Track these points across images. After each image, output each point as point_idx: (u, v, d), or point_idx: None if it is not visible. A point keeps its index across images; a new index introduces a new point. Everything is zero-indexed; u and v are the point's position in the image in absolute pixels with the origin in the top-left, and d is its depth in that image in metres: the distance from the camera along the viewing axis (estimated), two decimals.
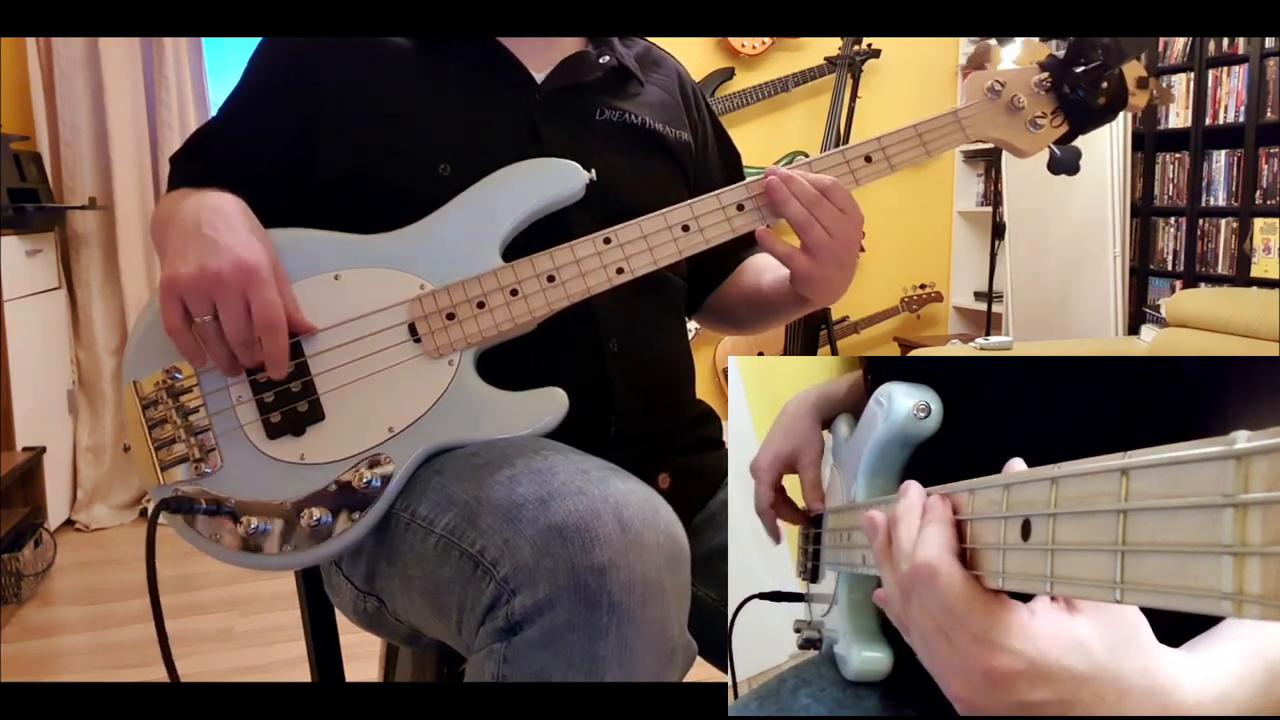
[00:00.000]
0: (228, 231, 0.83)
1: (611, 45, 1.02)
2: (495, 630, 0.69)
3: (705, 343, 3.75)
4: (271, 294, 0.81)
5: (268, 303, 0.80)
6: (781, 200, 0.88)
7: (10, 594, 2.42)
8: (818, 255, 0.89)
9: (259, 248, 0.83)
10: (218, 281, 0.79)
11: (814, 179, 0.88)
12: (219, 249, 0.81)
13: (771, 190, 0.88)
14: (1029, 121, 0.95)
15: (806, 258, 0.90)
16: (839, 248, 0.89)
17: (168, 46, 3.09)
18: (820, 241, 0.88)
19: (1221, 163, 3.35)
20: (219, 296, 0.80)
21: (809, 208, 0.88)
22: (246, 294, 0.80)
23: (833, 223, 0.88)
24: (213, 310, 0.80)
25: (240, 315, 0.80)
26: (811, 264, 0.90)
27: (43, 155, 3.02)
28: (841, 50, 3.64)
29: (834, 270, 0.91)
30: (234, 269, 0.80)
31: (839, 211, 0.88)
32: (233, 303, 0.80)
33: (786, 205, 0.88)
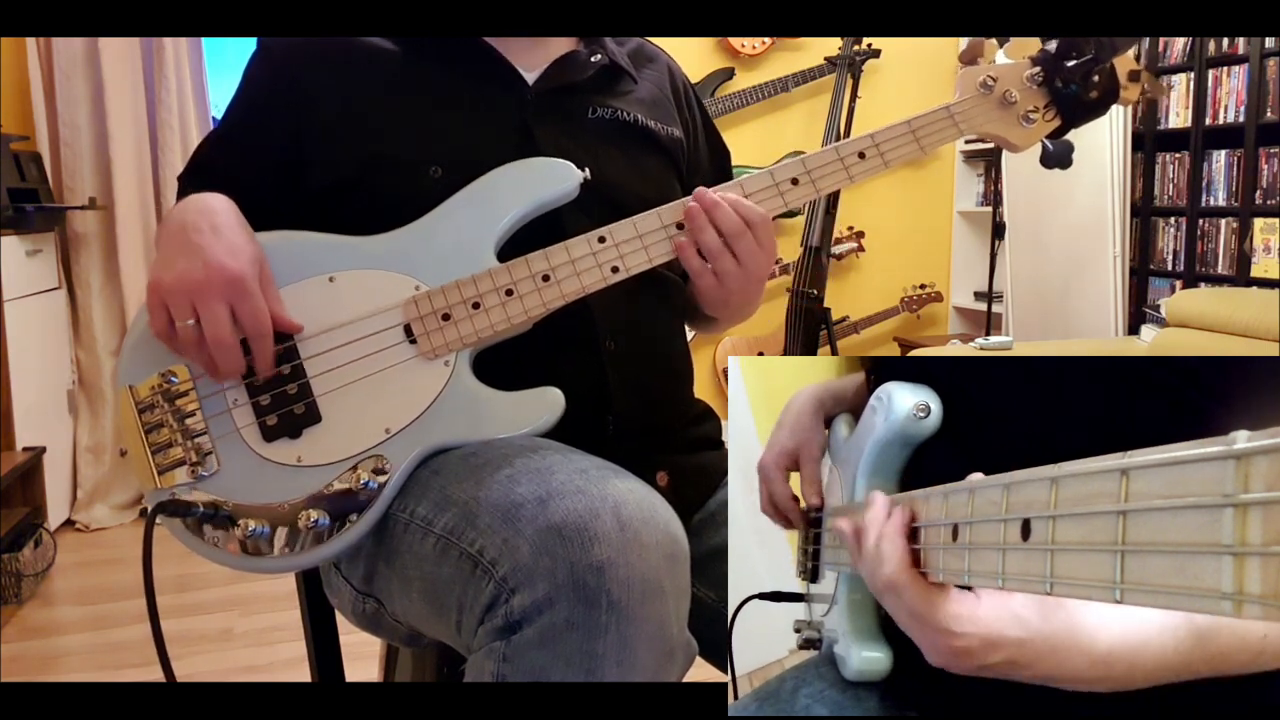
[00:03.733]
0: (212, 235, 0.83)
1: (603, 43, 1.02)
2: (494, 629, 0.69)
3: (705, 343, 3.75)
4: (255, 299, 0.82)
5: (252, 309, 0.82)
6: (699, 227, 0.88)
7: (10, 594, 2.42)
8: (724, 281, 0.90)
9: (244, 251, 0.83)
10: (197, 288, 0.81)
11: (745, 211, 0.88)
12: (202, 255, 0.82)
13: (690, 215, 0.88)
14: (1021, 116, 0.95)
15: (713, 280, 0.90)
16: (746, 278, 0.90)
17: (168, 46, 3.09)
18: (728, 270, 0.89)
19: (1221, 163, 3.35)
20: (199, 302, 0.81)
21: (727, 238, 0.88)
22: (230, 301, 0.81)
23: (747, 255, 0.89)
24: (194, 315, 0.81)
25: (219, 320, 0.81)
26: (717, 287, 0.90)
27: (43, 155, 3.02)
28: (841, 50, 3.64)
29: (737, 298, 0.92)
30: (215, 276, 0.81)
31: (757, 246, 0.89)
32: (212, 308, 0.81)
33: (702, 233, 0.88)
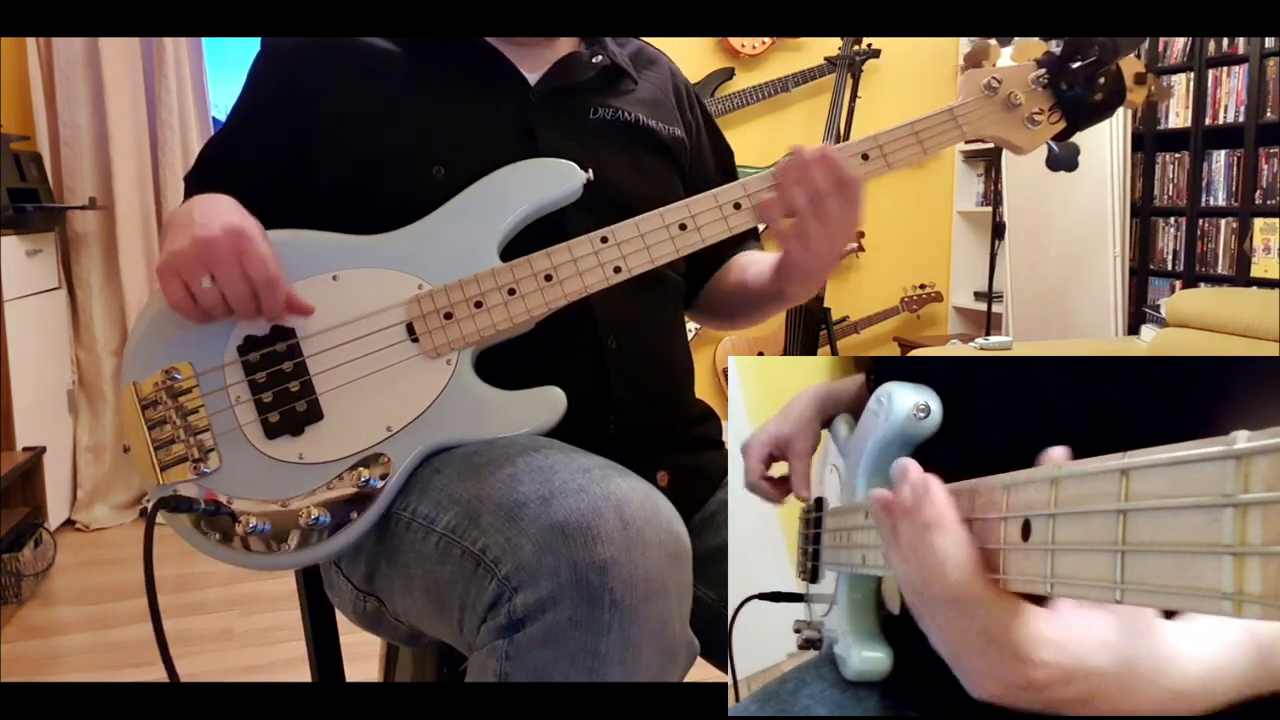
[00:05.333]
0: (216, 215, 0.84)
1: (604, 44, 1.03)
2: (497, 628, 0.70)
3: (705, 343, 3.75)
4: (261, 248, 0.82)
5: (260, 257, 0.82)
6: (793, 181, 0.86)
7: (10, 594, 2.42)
8: (808, 244, 0.88)
9: (248, 219, 0.84)
10: (209, 247, 0.81)
11: (840, 170, 0.86)
12: (204, 225, 0.82)
13: (784, 170, 0.87)
14: (1026, 118, 0.95)
15: (799, 244, 0.88)
16: (831, 240, 0.88)
17: (168, 46, 3.09)
18: (813, 232, 0.87)
19: (1221, 163, 3.35)
20: (212, 262, 0.81)
21: (821, 195, 0.86)
22: (238, 254, 0.81)
23: (835, 215, 0.86)
24: (210, 276, 0.81)
25: (237, 273, 0.81)
26: (801, 250, 0.89)
27: (43, 155, 3.02)
28: (841, 50, 3.64)
29: (817, 265, 0.90)
30: (223, 234, 0.81)
31: (845, 207, 0.87)
32: (227, 264, 0.81)
33: (795, 188, 0.86)
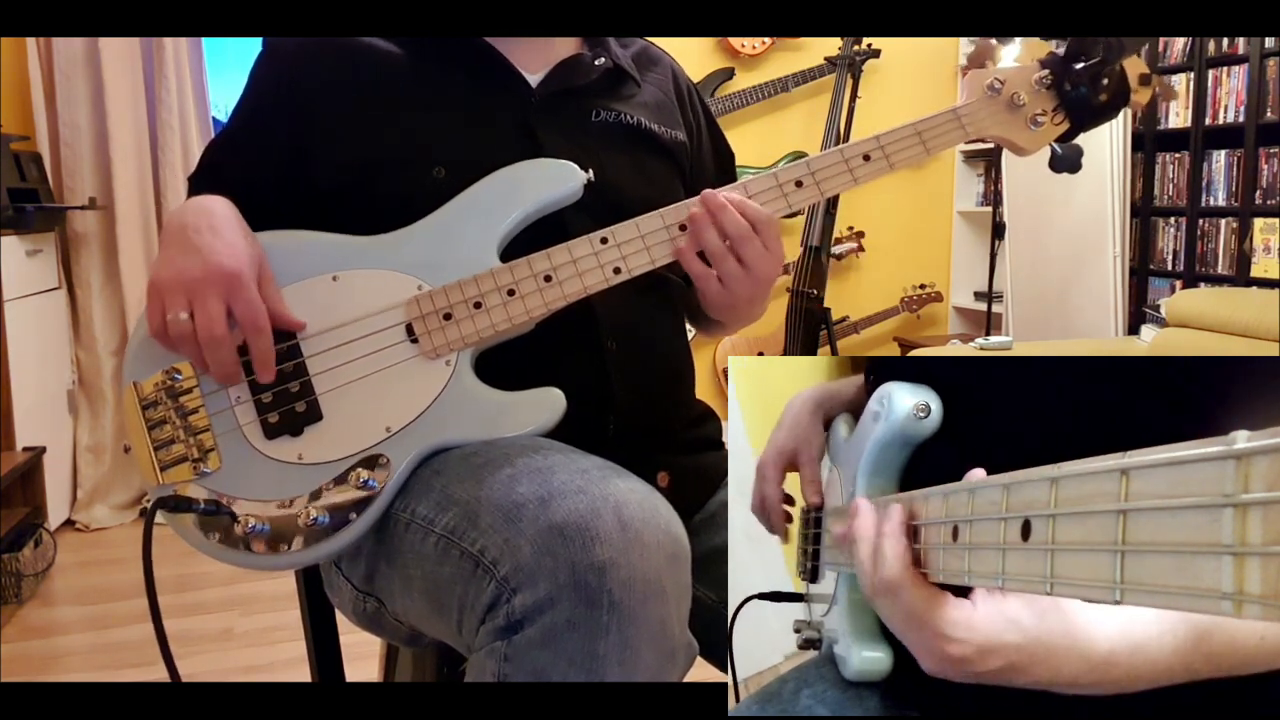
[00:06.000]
0: (210, 235, 0.84)
1: (607, 46, 1.02)
2: (496, 629, 0.69)
3: (705, 342, 3.75)
4: (251, 296, 0.82)
5: (249, 305, 0.82)
6: (701, 228, 0.87)
7: (10, 594, 2.42)
8: (729, 285, 0.88)
9: (242, 250, 0.84)
10: (194, 284, 0.81)
11: (751, 213, 0.87)
12: (200, 254, 0.82)
13: (694, 219, 0.87)
14: (1029, 119, 0.95)
15: (718, 285, 0.89)
16: (754, 282, 0.89)
17: (168, 46, 3.09)
18: (733, 274, 0.88)
19: (1221, 163, 3.35)
20: (194, 298, 0.81)
21: (732, 241, 0.87)
22: (227, 298, 0.81)
23: (754, 258, 0.87)
24: (189, 310, 0.82)
25: (213, 316, 0.81)
26: (722, 291, 0.89)
27: (43, 155, 3.02)
28: (841, 50, 3.63)
29: (743, 302, 0.91)
30: (211, 274, 0.81)
31: (763, 249, 0.88)
32: (207, 304, 0.81)
33: (705, 234, 0.87)
